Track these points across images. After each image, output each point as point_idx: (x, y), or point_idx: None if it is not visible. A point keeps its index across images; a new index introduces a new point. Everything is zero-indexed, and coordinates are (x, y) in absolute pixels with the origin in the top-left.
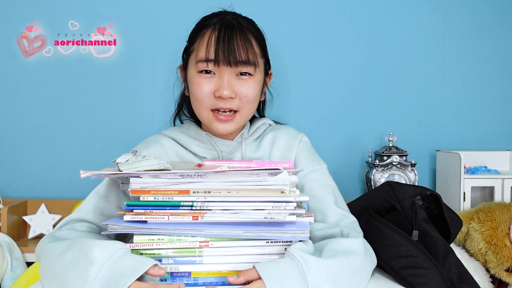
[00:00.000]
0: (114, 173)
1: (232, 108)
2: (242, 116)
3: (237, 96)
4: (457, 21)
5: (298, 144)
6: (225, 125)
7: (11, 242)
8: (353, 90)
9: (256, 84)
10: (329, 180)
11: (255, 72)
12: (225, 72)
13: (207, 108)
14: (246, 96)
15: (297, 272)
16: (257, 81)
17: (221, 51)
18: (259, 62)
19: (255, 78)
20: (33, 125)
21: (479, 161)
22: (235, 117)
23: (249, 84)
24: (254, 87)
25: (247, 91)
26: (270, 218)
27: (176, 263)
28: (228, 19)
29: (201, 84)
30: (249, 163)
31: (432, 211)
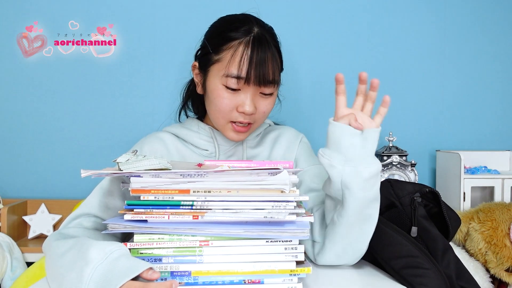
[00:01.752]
0: (114, 172)
1: (250, 122)
2: (255, 126)
3: (256, 112)
4: (457, 21)
5: (299, 144)
6: (240, 135)
7: (11, 242)
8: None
9: (274, 99)
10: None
11: (274, 91)
12: (251, 89)
13: (226, 119)
14: (264, 112)
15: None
16: (274, 99)
17: (253, 72)
18: (278, 81)
19: (274, 94)
20: (33, 125)
21: (479, 161)
22: (250, 128)
23: (269, 102)
24: (272, 103)
25: (266, 108)
26: (270, 218)
27: (176, 262)
28: (258, 33)
29: (225, 98)
30: (249, 163)
31: (431, 209)
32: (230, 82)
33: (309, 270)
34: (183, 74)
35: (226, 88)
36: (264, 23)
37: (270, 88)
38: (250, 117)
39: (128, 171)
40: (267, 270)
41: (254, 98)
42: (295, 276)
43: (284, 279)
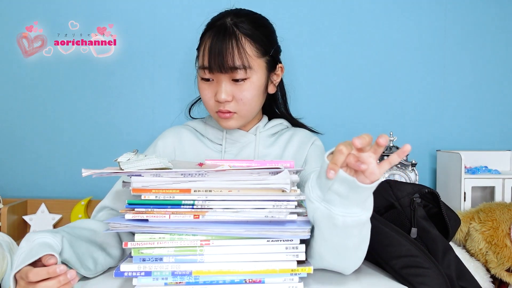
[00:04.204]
0: (115, 171)
1: (229, 110)
2: (242, 116)
3: (234, 99)
4: (457, 21)
5: (310, 146)
6: (227, 122)
7: (11, 241)
8: (353, 90)
9: (252, 86)
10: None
11: (247, 74)
12: (220, 77)
13: (212, 110)
14: (241, 99)
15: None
16: (253, 82)
17: (212, 60)
18: (253, 64)
19: (251, 80)
20: (33, 125)
21: (480, 161)
22: (233, 116)
23: (245, 88)
24: (249, 90)
25: (242, 94)
26: (271, 217)
27: (177, 262)
28: (225, 23)
29: (203, 90)
30: (250, 162)
31: (431, 209)
32: (202, 73)
33: (310, 270)
34: (183, 74)
35: (202, 79)
36: (246, 13)
37: (238, 73)
38: (229, 105)
39: (128, 171)
40: (268, 269)
41: (228, 86)
42: (296, 275)
43: (285, 279)
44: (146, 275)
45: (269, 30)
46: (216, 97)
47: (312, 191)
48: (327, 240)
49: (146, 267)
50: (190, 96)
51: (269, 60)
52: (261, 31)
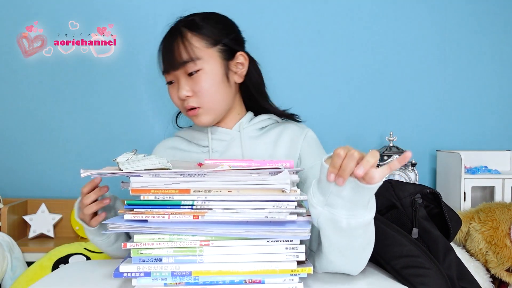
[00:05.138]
0: (114, 172)
1: (192, 106)
2: (208, 108)
3: (194, 93)
4: (457, 21)
5: (303, 140)
6: (197, 118)
7: (11, 241)
8: (353, 90)
9: (206, 75)
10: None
11: (198, 65)
12: (177, 76)
13: (184, 111)
14: (199, 91)
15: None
16: (207, 72)
17: (164, 61)
18: (202, 55)
19: (204, 71)
20: (33, 125)
21: (480, 161)
22: (199, 111)
23: (200, 79)
24: (205, 80)
25: (199, 86)
26: (271, 218)
27: (177, 262)
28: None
29: (170, 93)
30: (250, 162)
31: (432, 210)
32: (165, 78)
33: (310, 270)
34: None
35: (167, 84)
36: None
37: (189, 66)
38: (191, 100)
39: (127, 171)
40: (268, 270)
41: (185, 82)
42: (296, 276)
43: (285, 279)
44: (145, 275)
45: (220, 22)
46: (178, 95)
47: (314, 196)
48: (333, 244)
49: (145, 268)
50: None
51: (223, 49)
52: (209, 23)
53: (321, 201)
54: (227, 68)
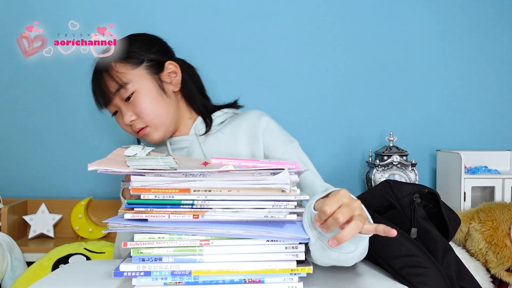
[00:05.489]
0: (119, 170)
1: (140, 127)
2: (156, 125)
3: (137, 115)
4: (457, 21)
5: (262, 133)
6: (148, 137)
7: (11, 241)
8: (353, 90)
9: (143, 95)
10: (304, 156)
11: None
12: (117, 105)
13: (135, 134)
14: (141, 111)
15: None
16: (141, 92)
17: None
18: (130, 78)
19: (139, 91)
20: (33, 125)
21: (480, 161)
22: (147, 129)
23: (136, 101)
24: (142, 100)
25: (139, 108)
26: (271, 217)
27: (177, 262)
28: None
29: (118, 123)
30: (256, 162)
31: (430, 209)
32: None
33: (310, 270)
34: None
35: (113, 115)
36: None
37: (122, 93)
38: (138, 123)
39: (132, 170)
40: (268, 269)
41: (126, 108)
42: (296, 275)
43: (284, 279)
44: (145, 275)
45: (138, 41)
46: (124, 122)
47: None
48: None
49: (145, 267)
50: None
51: (149, 65)
52: (128, 47)
53: (315, 234)
54: (160, 81)
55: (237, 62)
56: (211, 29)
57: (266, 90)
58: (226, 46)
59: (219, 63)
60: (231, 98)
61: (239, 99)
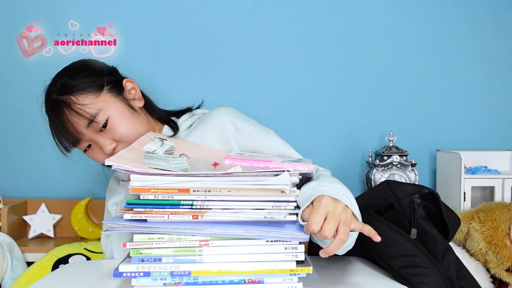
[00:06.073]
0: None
1: (116, 146)
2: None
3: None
4: (457, 21)
5: (233, 136)
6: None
7: (11, 242)
8: (353, 90)
9: (117, 118)
10: (284, 141)
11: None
12: (91, 138)
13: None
14: (121, 136)
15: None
16: (115, 116)
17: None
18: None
19: (112, 117)
20: (33, 125)
21: (480, 161)
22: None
23: (113, 128)
24: (119, 124)
25: (118, 133)
26: (270, 218)
27: (176, 262)
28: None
29: (93, 157)
30: (268, 163)
31: (430, 210)
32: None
33: (310, 270)
34: (183, 74)
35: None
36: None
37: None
38: (119, 147)
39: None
40: (267, 269)
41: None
42: (295, 275)
43: (284, 279)
44: (145, 275)
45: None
46: (105, 152)
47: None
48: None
49: (144, 268)
50: (190, 96)
51: (109, 88)
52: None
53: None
54: (126, 100)
55: (237, 62)
56: (211, 29)
57: (266, 90)
58: (226, 46)
59: (220, 63)
60: (231, 98)
61: (238, 100)
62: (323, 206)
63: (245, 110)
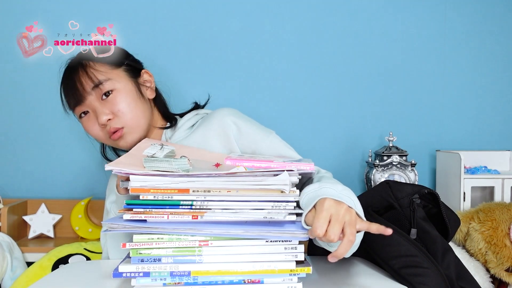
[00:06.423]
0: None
1: (116, 127)
2: (132, 127)
3: (114, 115)
4: (457, 21)
5: (234, 136)
6: (122, 140)
7: (11, 242)
8: (353, 90)
9: (122, 94)
10: (286, 143)
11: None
12: (91, 104)
13: (107, 139)
14: (119, 110)
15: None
16: (122, 91)
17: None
18: (110, 75)
19: (118, 90)
20: (33, 125)
21: (479, 161)
22: (124, 131)
23: (116, 100)
24: (122, 98)
25: (119, 106)
26: (270, 218)
27: (176, 262)
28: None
29: (87, 126)
30: (270, 163)
31: (430, 210)
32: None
33: (309, 270)
34: (183, 74)
35: (80, 118)
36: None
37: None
38: (114, 122)
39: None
40: (267, 270)
41: (102, 107)
42: (295, 275)
43: (284, 279)
44: (144, 275)
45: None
46: (98, 122)
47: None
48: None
49: (144, 268)
50: (190, 96)
51: (128, 68)
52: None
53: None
54: (138, 84)
55: (237, 62)
56: (212, 29)
57: (266, 91)
58: (226, 46)
59: (219, 63)
60: (230, 99)
61: (238, 100)
62: (326, 210)
63: (244, 110)
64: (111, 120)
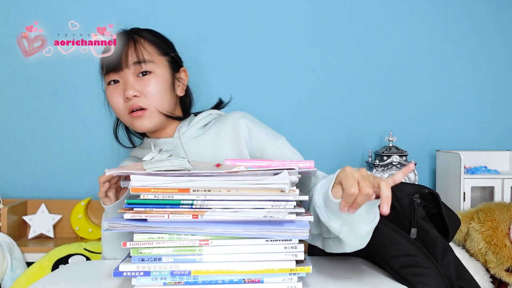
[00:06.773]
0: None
1: (140, 106)
2: (153, 112)
3: (142, 94)
4: (457, 21)
5: (245, 138)
6: (140, 121)
7: (11, 242)
8: (353, 90)
9: (158, 79)
10: (292, 150)
11: (150, 68)
12: (126, 76)
13: (125, 114)
14: (150, 92)
15: None
16: (158, 76)
17: (116, 59)
18: (154, 59)
19: (155, 74)
20: (33, 125)
21: (479, 161)
22: (145, 113)
23: (149, 82)
24: (155, 83)
25: (149, 88)
26: (270, 217)
27: (176, 262)
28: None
29: (111, 94)
30: (270, 162)
31: (430, 210)
32: (108, 77)
33: (309, 269)
34: None
35: (109, 84)
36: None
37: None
38: (139, 101)
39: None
40: (267, 269)
41: (132, 82)
42: (295, 275)
43: (284, 278)
44: (145, 275)
45: (167, 39)
46: (125, 94)
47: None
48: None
49: (145, 267)
50: None
51: (170, 60)
52: (159, 37)
53: (340, 223)
54: (174, 77)
55: (236, 62)
56: (211, 29)
57: (265, 91)
58: (225, 46)
59: (219, 64)
60: (229, 99)
61: (238, 99)
62: (351, 172)
63: (244, 110)
64: (137, 97)
